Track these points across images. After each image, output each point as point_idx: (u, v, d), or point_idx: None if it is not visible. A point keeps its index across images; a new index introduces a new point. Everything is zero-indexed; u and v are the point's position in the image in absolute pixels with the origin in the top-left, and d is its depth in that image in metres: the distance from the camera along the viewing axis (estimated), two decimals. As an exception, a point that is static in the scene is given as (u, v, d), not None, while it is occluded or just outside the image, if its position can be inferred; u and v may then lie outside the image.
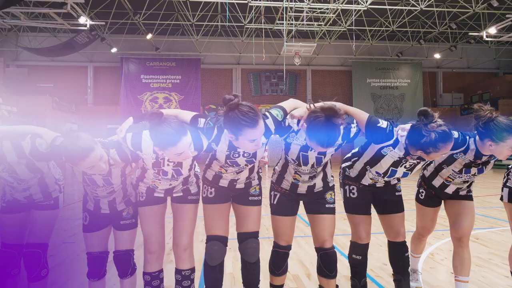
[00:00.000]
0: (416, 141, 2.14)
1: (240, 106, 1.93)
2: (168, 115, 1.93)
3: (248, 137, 1.95)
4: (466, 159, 2.48)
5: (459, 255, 2.68)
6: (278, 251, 2.45)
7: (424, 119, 2.11)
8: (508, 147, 2.26)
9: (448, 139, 2.09)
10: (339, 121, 1.97)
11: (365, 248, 2.59)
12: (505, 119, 2.27)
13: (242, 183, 2.40)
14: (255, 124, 1.92)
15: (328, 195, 2.46)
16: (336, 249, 2.52)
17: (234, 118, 1.92)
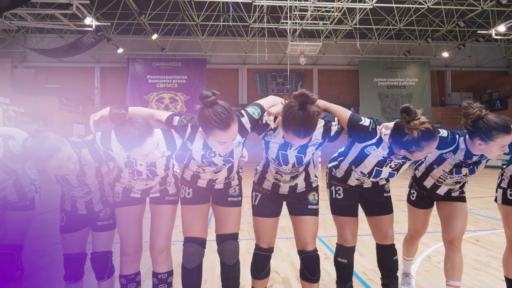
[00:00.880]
0: (399, 140, 2.05)
1: (215, 105, 1.86)
2: (134, 116, 1.85)
3: (218, 138, 1.88)
4: (456, 159, 2.38)
5: (450, 258, 2.58)
6: (259, 253, 2.37)
7: (407, 117, 2.01)
8: (498, 146, 2.15)
9: (431, 138, 1.99)
10: (313, 108, 1.88)
11: (351, 251, 2.50)
12: (495, 117, 2.16)
13: (221, 183, 2.33)
14: (225, 127, 1.84)
15: (311, 196, 2.37)
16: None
17: (206, 116, 1.84)
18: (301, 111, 1.86)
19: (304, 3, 15.84)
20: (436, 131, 2.02)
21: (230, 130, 1.86)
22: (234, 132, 1.89)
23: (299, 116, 1.86)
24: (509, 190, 2.47)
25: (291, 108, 1.88)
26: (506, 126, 2.11)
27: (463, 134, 2.32)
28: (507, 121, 2.14)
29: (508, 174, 2.51)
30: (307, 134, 1.89)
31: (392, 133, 2.09)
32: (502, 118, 2.14)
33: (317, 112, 1.89)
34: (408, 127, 1.99)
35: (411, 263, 3.08)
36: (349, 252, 2.49)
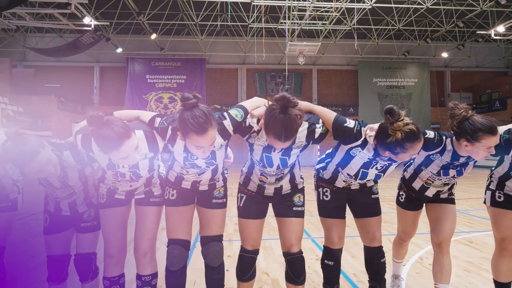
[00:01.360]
0: (383, 142, 2.03)
1: (195, 108, 1.84)
2: (112, 118, 1.83)
3: (194, 142, 1.86)
4: (443, 161, 2.36)
5: (438, 261, 2.56)
6: (244, 255, 2.35)
7: (390, 118, 1.99)
8: (484, 147, 2.13)
9: (415, 139, 1.97)
10: (294, 111, 1.86)
11: (338, 254, 2.48)
12: (481, 118, 2.14)
13: (206, 185, 2.31)
14: (202, 132, 1.82)
15: (297, 197, 2.35)
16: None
17: (184, 119, 1.83)
18: (283, 114, 1.84)
19: (303, 3, 15.81)
20: (420, 132, 2.00)
21: (207, 135, 1.84)
22: (211, 138, 1.87)
23: (280, 120, 1.84)
24: (498, 192, 2.46)
25: (273, 111, 1.87)
26: (492, 127, 2.09)
27: (450, 135, 2.30)
28: (493, 122, 2.12)
29: (496, 176, 2.49)
30: (288, 137, 1.87)
31: (377, 135, 2.07)
32: (488, 119, 2.12)
33: (299, 116, 1.87)
34: (391, 129, 1.97)
35: (401, 265, 3.06)
36: (336, 254, 2.47)
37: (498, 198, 2.45)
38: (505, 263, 2.45)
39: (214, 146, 2.01)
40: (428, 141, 2.29)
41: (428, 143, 2.30)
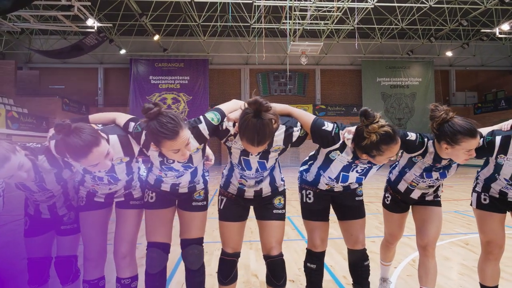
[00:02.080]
0: (359, 144, 2.00)
1: (159, 116, 1.83)
2: (81, 125, 1.82)
3: (170, 148, 1.85)
4: (425, 163, 2.32)
5: (424, 264, 2.51)
6: (225, 258, 2.33)
7: (365, 120, 1.96)
8: (464, 150, 2.09)
9: (391, 141, 1.93)
10: (268, 115, 1.84)
11: (321, 257, 2.45)
12: (461, 120, 2.10)
13: (185, 187, 2.29)
14: (174, 136, 1.81)
15: (277, 200, 2.33)
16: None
17: (152, 129, 1.82)
18: (255, 118, 1.83)
19: (304, 3, 15.77)
20: (397, 134, 1.97)
21: (180, 138, 1.83)
22: (184, 138, 1.86)
23: (252, 124, 1.82)
24: (483, 195, 2.42)
25: (246, 116, 1.85)
26: (472, 130, 2.05)
27: (433, 137, 2.26)
28: (473, 124, 2.08)
29: (482, 178, 2.45)
30: (261, 142, 1.86)
31: (354, 138, 2.04)
32: (468, 122, 2.08)
33: (273, 120, 1.85)
34: (367, 131, 1.94)
35: (389, 268, 3.03)
36: (318, 258, 2.44)
37: (484, 200, 2.40)
38: (490, 266, 2.40)
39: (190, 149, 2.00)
40: (409, 143, 2.26)
41: (409, 145, 2.27)
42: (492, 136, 2.21)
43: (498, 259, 2.40)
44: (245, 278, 3.42)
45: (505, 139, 2.17)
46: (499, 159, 2.22)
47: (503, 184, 2.31)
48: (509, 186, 2.29)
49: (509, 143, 2.16)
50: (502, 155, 2.19)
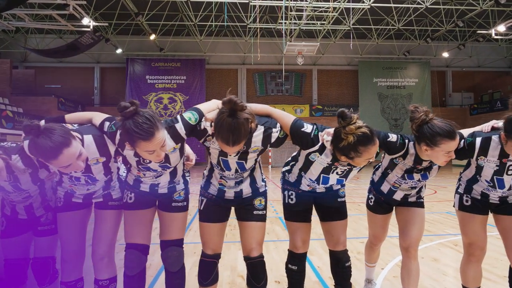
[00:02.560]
0: (337, 146, 1.98)
1: (135, 115, 1.80)
2: (51, 126, 1.79)
3: (144, 149, 1.83)
4: (406, 165, 2.31)
5: (406, 266, 2.50)
6: (204, 260, 2.30)
7: (342, 121, 1.94)
8: (443, 152, 2.08)
9: (368, 142, 1.91)
10: (243, 115, 1.82)
11: (302, 258, 2.43)
12: (441, 121, 2.09)
13: (165, 188, 2.27)
14: (149, 137, 1.78)
15: (257, 201, 2.31)
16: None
17: (127, 129, 1.79)
18: (230, 118, 1.80)
19: (300, 3, 15.76)
20: (374, 135, 1.95)
21: (155, 139, 1.80)
22: (160, 140, 1.83)
23: (227, 124, 1.80)
24: (465, 196, 2.41)
25: (221, 115, 1.83)
26: (451, 132, 2.04)
27: (414, 138, 2.25)
28: (452, 126, 2.07)
29: (464, 179, 2.44)
30: (236, 141, 1.83)
31: (332, 140, 2.02)
32: (447, 123, 2.07)
33: (249, 120, 1.83)
34: (344, 132, 1.92)
35: (373, 269, 3.01)
36: (299, 259, 2.42)
37: (466, 202, 2.39)
38: (472, 268, 2.39)
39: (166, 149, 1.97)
40: (390, 145, 2.25)
41: (390, 146, 2.25)
42: (472, 137, 2.20)
43: (480, 260, 2.39)
44: (231, 279, 3.40)
45: (485, 140, 2.16)
46: (480, 161, 2.21)
47: (485, 185, 2.30)
48: (490, 187, 2.28)
49: (489, 145, 2.15)
50: (483, 156, 2.18)
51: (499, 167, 2.17)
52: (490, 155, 2.16)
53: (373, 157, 2.00)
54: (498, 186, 2.24)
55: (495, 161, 2.16)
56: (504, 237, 2.33)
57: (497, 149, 2.14)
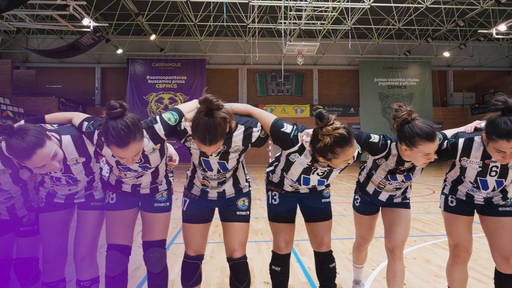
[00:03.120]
0: (315, 147, 1.97)
1: (119, 118, 1.80)
2: (25, 126, 1.79)
3: (115, 153, 1.83)
4: (389, 166, 2.29)
5: (391, 267, 2.48)
6: (187, 261, 2.29)
7: (319, 122, 1.92)
8: (421, 153, 2.06)
9: (345, 143, 1.89)
10: (220, 114, 1.81)
11: (285, 259, 2.41)
12: (422, 122, 2.06)
13: (147, 188, 2.26)
14: (122, 145, 1.78)
15: (241, 201, 2.30)
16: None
17: (106, 129, 1.79)
18: (207, 117, 1.79)
19: (300, 3, 15.73)
20: (352, 137, 1.92)
21: (128, 149, 1.80)
22: (133, 150, 1.82)
23: (203, 123, 1.79)
24: (450, 197, 2.39)
25: (198, 114, 1.82)
26: (430, 134, 2.01)
27: (396, 139, 2.23)
28: (433, 128, 2.04)
29: (449, 180, 2.42)
30: (213, 140, 1.82)
31: (311, 140, 2.00)
32: (428, 125, 2.04)
33: (226, 119, 1.82)
34: (321, 133, 1.90)
35: (361, 270, 2.99)
36: (283, 260, 2.40)
37: (451, 203, 2.37)
38: (458, 270, 2.37)
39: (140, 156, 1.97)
40: (372, 146, 2.23)
41: (372, 147, 2.24)
42: (455, 138, 2.19)
43: (465, 262, 2.37)
44: (220, 280, 3.40)
45: (467, 141, 2.14)
46: (463, 162, 2.19)
47: (469, 186, 2.28)
48: (474, 188, 2.26)
49: (472, 145, 2.13)
50: (465, 157, 2.16)
51: (482, 168, 2.15)
52: (473, 156, 2.14)
53: (351, 158, 1.98)
54: (482, 187, 2.22)
55: (478, 162, 2.14)
56: (490, 238, 2.31)
57: (479, 150, 2.12)
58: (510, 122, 1.90)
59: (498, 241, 2.23)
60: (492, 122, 1.96)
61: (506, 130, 1.89)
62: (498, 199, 2.28)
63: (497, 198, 2.28)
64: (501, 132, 1.90)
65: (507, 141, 1.90)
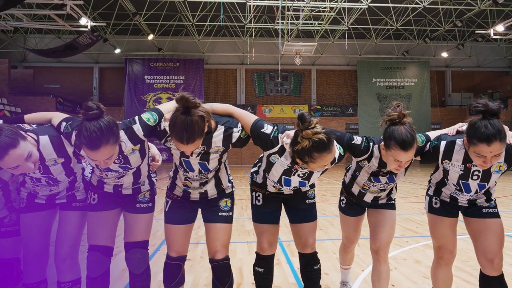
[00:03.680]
0: (294, 149, 1.95)
1: (94, 120, 1.79)
2: (3, 125, 1.78)
3: (87, 155, 1.82)
4: (371, 168, 2.27)
5: (376, 269, 2.46)
6: (168, 263, 2.27)
7: (300, 125, 1.90)
8: (393, 158, 2.04)
9: (323, 149, 1.86)
10: (197, 112, 1.79)
11: (269, 260, 2.40)
12: (405, 129, 1.99)
13: (129, 189, 2.25)
14: (93, 148, 1.77)
15: (223, 202, 2.28)
16: None
17: (80, 129, 1.78)
18: (184, 115, 1.77)
19: (297, 3, 15.71)
20: (331, 143, 1.88)
21: (99, 152, 1.78)
22: (104, 154, 1.80)
23: (180, 121, 1.77)
24: (434, 198, 2.37)
25: (175, 113, 1.80)
26: (406, 143, 1.97)
27: (379, 140, 2.21)
28: (413, 139, 1.99)
29: (434, 181, 2.40)
30: (190, 139, 1.79)
31: (291, 142, 1.98)
32: (409, 134, 1.98)
33: (204, 118, 1.80)
34: (300, 136, 1.88)
35: (348, 271, 2.98)
36: (266, 261, 2.39)
37: (435, 204, 2.36)
38: (442, 272, 2.35)
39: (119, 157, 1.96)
40: (354, 148, 2.21)
41: (355, 149, 2.22)
42: (438, 141, 2.16)
43: (449, 264, 2.35)
44: (208, 281, 3.37)
45: (449, 144, 2.11)
46: (445, 165, 2.17)
47: (452, 189, 2.26)
48: (457, 191, 2.24)
49: (453, 148, 2.10)
50: (447, 160, 2.14)
51: (464, 171, 2.12)
52: (454, 159, 2.11)
53: (328, 164, 1.95)
54: (465, 190, 2.20)
55: (459, 165, 2.11)
56: (474, 240, 2.29)
57: (461, 153, 2.09)
58: (490, 125, 1.85)
59: (482, 242, 2.21)
60: (473, 126, 1.92)
61: (486, 134, 1.85)
62: (482, 201, 2.26)
63: (480, 200, 2.26)
64: (481, 136, 1.86)
65: (488, 145, 1.85)
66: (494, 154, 1.88)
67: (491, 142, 1.84)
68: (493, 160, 1.91)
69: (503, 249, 2.20)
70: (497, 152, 1.88)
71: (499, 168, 2.09)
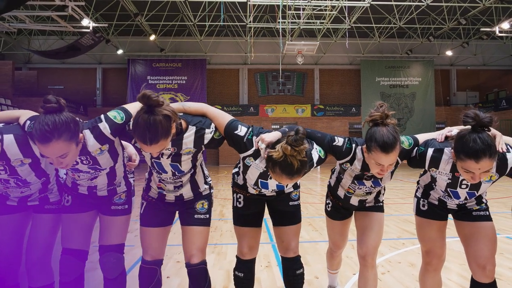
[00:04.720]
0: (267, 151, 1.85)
1: (50, 114, 1.71)
2: None
3: (40, 150, 1.74)
4: (355, 171, 2.17)
5: (363, 275, 2.35)
6: (144, 266, 2.19)
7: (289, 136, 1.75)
8: (374, 161, 1.93)
9: (287, 172, 1.74)
10: (162, 111, 1.70)
11: (249, 264, 2.31)
12: (388, 131, 1.88)
13: (104, 191, 2.17)
14: (43, 141, 1.68)
15: (199, 204, 2.19)
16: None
17: (35, 122, 1.71)
18: (147, 114, 1.69)
19: (298, 2, 15.60)
20: (298, 172, 1.75)
21: (50, 147, 1.69)
22: (56, 150, 1.71)
23: (143, 121, 1.68)
24: (422, 201, 2.27)
25: (139, 112, 1.72)
26: (387, 145, 1.86)
27: (363, 142, 2.10)
28: (395, 141, 1.88)
29: (422, 184, 2.30)
30: (153, 140, 1.70)
31: (267, 146, 1.88)
32: (392, 136, 1.87)
33: (169, 117, 1.71)
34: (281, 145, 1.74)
35: (335, 276, 2.88)
36: (246, 266, 2.30)
37: (422, 206, 2.25)
38: (430, 277, 2.25)
39: (84, 159, 1.88)
40: (336, 149, 2.10)
41: (336, 151, 2.11)
42: (425, 147, 2.03)
43: (437, 269, 2.25)
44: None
45: (436, 153, 1.98)
46: (432, 173, 2.06)
47: (441, 194, 2.15)
48: (446, 195, 2.14)
49: (441, 158, 1.97)
50: (434, 168, 2.02)
51: (452, 180, 2.00)
52: (442, 168, 1.99)
53: (284, 182, 1.84)
54: (454, 197, 2.09)
55: (447, 174, 1.99)
56: (465, 245, 2.17)
57: (448, 163, 1.96)
58: (480, 140, 1.70)
59: (473, 247, 2.09)
60: (461, 139, 1.77)
61: (474, 149, 1.70)
62: (472, 204, 2.16)
63: (471, 204, 2.15)
64: (469, 151, 1.71)
65: (476, 162, 1.71)
66: (483, 171, 1.74)
67: (479, 159, 1.70)
68: (482, 176, 1.77)
69: (503, 253, 2.09)
70: (486, 169, 1.73)
71: (490, 178, 1.96)
